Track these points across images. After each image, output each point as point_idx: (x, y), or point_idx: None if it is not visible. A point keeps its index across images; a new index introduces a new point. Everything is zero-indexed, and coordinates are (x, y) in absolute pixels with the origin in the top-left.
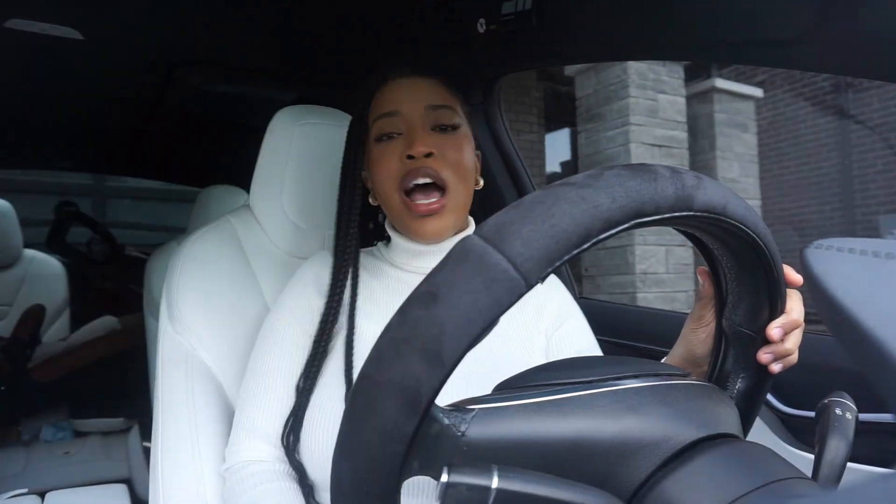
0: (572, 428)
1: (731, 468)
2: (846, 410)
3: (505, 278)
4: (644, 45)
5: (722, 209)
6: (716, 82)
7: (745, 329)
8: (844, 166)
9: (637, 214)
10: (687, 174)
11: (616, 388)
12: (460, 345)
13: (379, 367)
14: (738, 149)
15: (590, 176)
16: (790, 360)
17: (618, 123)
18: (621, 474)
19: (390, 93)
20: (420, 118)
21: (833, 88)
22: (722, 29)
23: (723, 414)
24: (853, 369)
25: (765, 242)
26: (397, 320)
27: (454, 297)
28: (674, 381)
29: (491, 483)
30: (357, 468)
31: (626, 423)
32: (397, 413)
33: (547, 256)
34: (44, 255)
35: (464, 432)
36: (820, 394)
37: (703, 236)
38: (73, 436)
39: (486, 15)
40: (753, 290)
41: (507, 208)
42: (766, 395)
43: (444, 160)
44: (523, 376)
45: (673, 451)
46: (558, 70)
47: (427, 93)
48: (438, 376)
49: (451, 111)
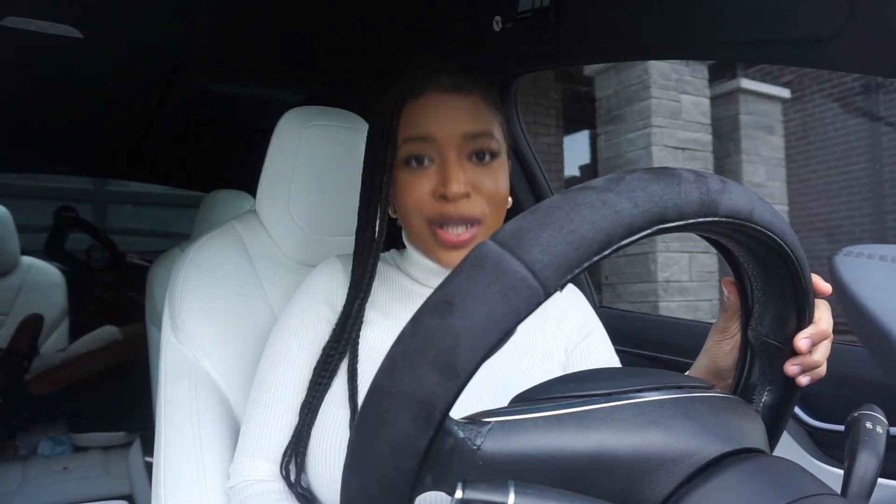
0: (592, 442)
1: (757, 484)
2: (877, 424)
3: (523, 286)
4: (667, 43)
5: (748, 215)
6: (741, 83)
7: (771, 340)
8: (875, 170)
9: (660, 220)
10: (711, 178)
11: (638, 401)
12: (476, 355)
13: (391, 378)
14: (765, 152)
15: (610, 180)
16: (818, 373)
17: (639, 125)
18: (643, 490)
19: (424, 112)
20: (457, 147)
21: (863, 89)
22: (748, 27)
23: (748, 428)
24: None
25: (792, 249)
26: (410, 330)
27: (469, 305)
28: (697, 394)
29: (507, 500)
30: (368, 484)
31: (648, 437)
32: (410, 426)
33: (566, 263)
34: (42, 262)
35: (479, 446)
36: (850, 407)
37: (729, 243)
38: (73, 450)
39: (503, 12)
40: (780, 299)
41: (524, 213)
42: (794, 408)
43: (479, 196)
44: (541, 388)
45: (697, 467)
46: (577, 70)
47: (465, 116)
48: (453, 388)
49: (489, 138)
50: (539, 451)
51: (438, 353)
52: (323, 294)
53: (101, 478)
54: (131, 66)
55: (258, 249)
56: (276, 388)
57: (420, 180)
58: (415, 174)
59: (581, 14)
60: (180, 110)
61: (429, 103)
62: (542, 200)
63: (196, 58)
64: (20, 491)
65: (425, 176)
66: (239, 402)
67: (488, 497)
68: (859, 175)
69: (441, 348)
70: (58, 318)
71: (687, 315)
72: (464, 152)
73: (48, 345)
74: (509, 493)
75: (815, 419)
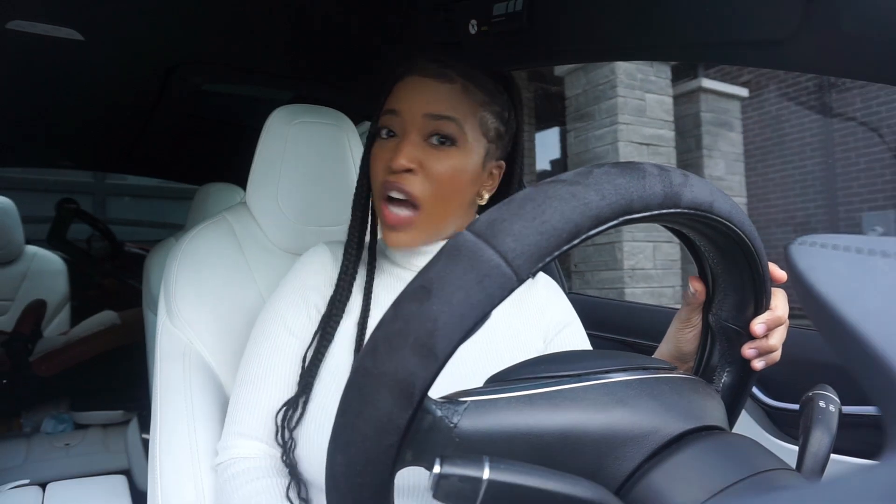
0: (562, 420)
1: (717, 459)
2: (830, 403)
3: (497, 273)
4: (632, 45)
5: (708, 206)
6: (702, 82)
7: (730, 324)
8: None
9: (626, 211)
10: (674, 172)
11: (605, 382)
12: (453, 339)
13: (374, 359)
14: (724, 147)
15: (579, 174)
16: (773, 358)
17: (606, 122)
18: (611, 465)
19: (400, 90)
20: (417, 124)
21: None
22: (709, 30)
23: (709, 407)
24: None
25: (750, 239)
26: (391, 314)
27: (447, 292)
28: (662, 375)
29: (482, 474)
30: (352, 460)
31: (615, 416)
32: (391, 405)
33: (538, 252)
34: (45, 251)
35: (456, 424)
36: (804, 387)
37: (690, 233)
38: (74, 428)
39: (478, 16)
40: (739, 286)
41: (498, 205)
42: (752, 388)
43: (426, 176)
44: (514, 369)
45: (661, 443)
46: (548, 70)
47: (434, 99)
48: (432, 369)
49: (451, 123)
50: (512, 428)
51: (418, 336)
52: (311, 280)
53: (101, 454)
54: (129, 67)
55: (248, 239)
56: (262, 369)
57: (381, 152)
58: (380, 145)
59: (552, 18)
60: (176, 108)
61: (407, 84)
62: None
63: (191, 59)
64: (25, 466)
65: (386, 148)
66: (229, 382)
67: (464, 471)
68: (813, 169)
69: (420, 332)
70: (60, 303)
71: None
72: (423, 132)
73: (51, 329)
74: (484, 468)
75: (772, 398)
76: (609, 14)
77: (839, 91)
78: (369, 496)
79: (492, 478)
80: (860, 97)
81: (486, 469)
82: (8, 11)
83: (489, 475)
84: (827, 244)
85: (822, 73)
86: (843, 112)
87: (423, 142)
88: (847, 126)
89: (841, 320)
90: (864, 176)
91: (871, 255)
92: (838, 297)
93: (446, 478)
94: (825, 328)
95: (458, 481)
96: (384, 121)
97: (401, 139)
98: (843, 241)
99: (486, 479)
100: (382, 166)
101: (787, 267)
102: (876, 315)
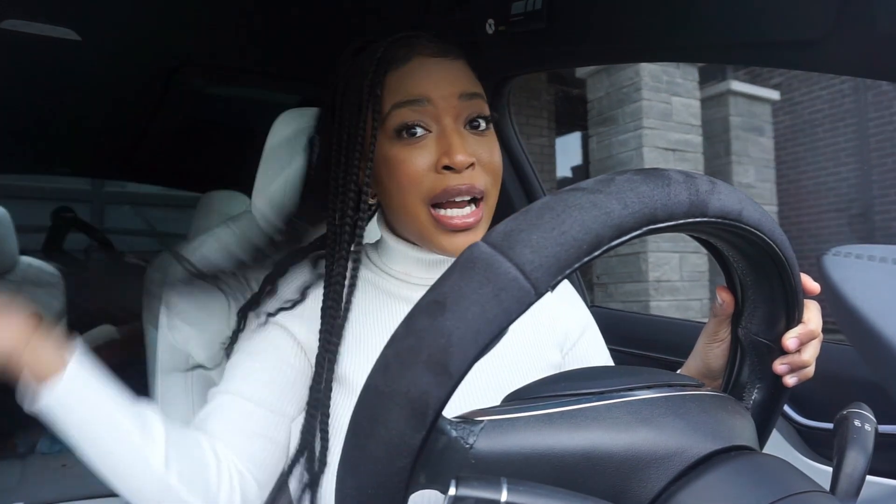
0: (584, 440)
1: (746, 481)
2: (865, 422)
3: (514, 287)
4: (658, 46)
5: (737, 215)
6: (731, 85)
7: (761, 338)
8: (864, 171)
9: (650, 221)
10: (701, 179)
11: (629, 400)
12: (468, 355)
13: (385, 377)
14: (754, 153)
15: (600, 181)
16: (806, 373)
17: (630, 127)
18: (634, 488)
19: (414, 75)
20: (454, 110)
21: (852, 91)
22: (738, 30)
23: (738, 426)
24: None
25: (781, 249)
26: (403, 330)
27: (462, 306)
28: (688, 392)
29: (500, 497)
30: (362, 483)
31: (639, 436)
32: (404, 425)
33: (557, 264)
34: (40, 262)
35: (472, 444)
36: (838, 405)
37: (718, 243)
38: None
39: (496, 15)
40: (770, 299)
41: (515, 215)
42: (783, 406)
43: (481, 167)
44: (533, 387)
45: (687, 464)
46: (569, 72)
47: (458, 77)
48: (446, 387)
49: (484, 101)
50: (531, 449)
51: (431, 353)
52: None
53: None
54: (128, 68)
55: None
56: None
57: (416, 153)
58: (409, 147)
59: (572, 17)
60: (177, 112)
61: (420, 67)
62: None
63: (192, 61)
64: (19, 487)
65: (422, 148)
66: None
67: (481, 494)
68: (848, 176)
69: (434, 348)
70: (55, 317)
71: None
72: (461, 118)
73: None
74: (502, 490)
75: (805, 417)
76: (633, 13)
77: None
78: None
79: (510, 500)
80: None
81: (504, 491)
82: (2, 10)
83: (507, 497)
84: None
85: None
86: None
87: (464, 130)
88: (884, 131)
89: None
90: None
91: None
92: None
93: (462, 500)
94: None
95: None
96: (406, 115)
97: (442, 133)
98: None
99: (504, 501)
100: (428, 173)
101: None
102: None
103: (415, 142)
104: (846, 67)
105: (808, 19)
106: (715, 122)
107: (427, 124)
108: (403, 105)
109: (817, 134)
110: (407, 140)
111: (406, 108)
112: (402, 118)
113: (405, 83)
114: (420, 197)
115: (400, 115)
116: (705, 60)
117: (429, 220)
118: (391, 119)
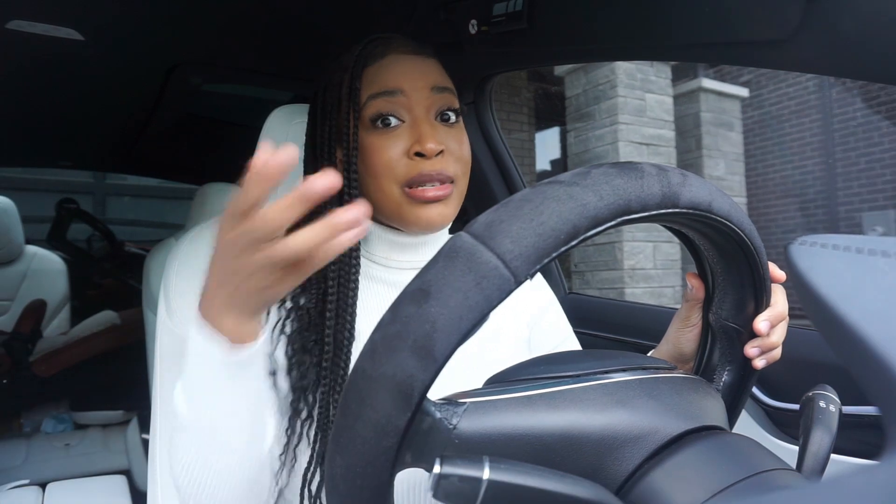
0: (562, 421)
1: (717, 459)
2: (830, 403)
3: (495, 275)
4: (633, 46)
5: (707, 206)
6: (702, 82)
7: (731, 323)
8: (828, 164)
9: (624, 212)
10: (673, 172)
11: (605, 382)
12: (451, 340)
13: (372, 361)
14: (724, 147)
15: (577, 174)
16: (774, 355)
17: (606, 122)
18: (610, 466)
19: (389, 68)
20: (425, 101)
21: (817, 88)
22: (709, 30)
23: (709, 406)
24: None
25: (750, 238)
26: (389, 317)
27: (445, 294)
28: (661, 375)
29: (482, 474)
30: (351, 462)
31: (614, 416)
32: (390, 407)
33: (536, 253)
34: (45, 251)
35: (455, 425)
36: (804, 387)
37: (690, 233)
38: (74, 428)
39: (479, 16)
40: (739, 285)
41: (496, 206)
42: (752, 387)
43: (450, 156)
44: (514, 370)
45: (660, 443)
46: (548, 70)
47: (430, 72)
48: (430, 371)
49: (453, 95)
50: (512, 429)
51: (416, 338)
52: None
53: (101, 454)
54: (129, 66)
55: None
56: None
57: (390, 141)
58: (384, 135)
59: (553, 18)
60: (176, 108)
61: (394, 62)
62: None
63: (191, 59)
64: (25, 466)
65: (396, 136)
66: None
67: (465, 472)
68: (813, 169)
69: (419, 334)
70: (60, 303)
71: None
72: (432, 110)
73: (51, 329)
74: (484, 468)
75: (772, 398)
76: (609, 14)
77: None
78: (369, 498)
79: (492, 478)
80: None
81: (486, 469)
82: (7, 11)
83: (489, 475)
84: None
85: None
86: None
87: (435, 122)
88: (847, 126)
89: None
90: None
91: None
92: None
93: (446, 478)
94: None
95: (458, 481)
96: (381, 105)
97: (414, 122)
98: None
99: (487, 479)
100: (401, 159)
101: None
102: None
103: (389, 131)
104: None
105: (775, 20)
106: (687, 117)
107: (400, 114)
108: (379, 96)
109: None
110: (382, 129)
111: (381, 99)
112: (377, 108)
113: (381, 76)
114: (394, 180)
115: (375, 105)
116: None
117: (403, 198)
118: (367, 109)
